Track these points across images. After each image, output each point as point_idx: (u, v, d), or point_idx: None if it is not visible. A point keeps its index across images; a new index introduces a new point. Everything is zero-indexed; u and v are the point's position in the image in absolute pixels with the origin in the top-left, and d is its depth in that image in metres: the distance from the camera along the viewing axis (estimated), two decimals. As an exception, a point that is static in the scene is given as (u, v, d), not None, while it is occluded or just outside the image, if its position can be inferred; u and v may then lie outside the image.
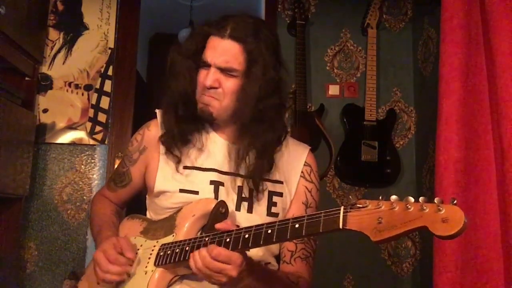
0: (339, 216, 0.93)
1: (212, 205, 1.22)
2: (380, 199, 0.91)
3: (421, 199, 0.87)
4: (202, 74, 1.30)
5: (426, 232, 0.83)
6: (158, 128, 1.38)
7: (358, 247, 2.63)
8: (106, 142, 2.57)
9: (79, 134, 2.56)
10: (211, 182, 1.30)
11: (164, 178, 1.33)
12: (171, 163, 1.33)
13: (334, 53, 2.87)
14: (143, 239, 1.30)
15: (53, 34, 2.61)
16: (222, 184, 1.31)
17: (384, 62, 2.88)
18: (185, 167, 1.32)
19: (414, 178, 2.78)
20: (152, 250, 1.24)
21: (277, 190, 1.34)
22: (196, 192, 1.29)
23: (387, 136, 2.77)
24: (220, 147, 1.35)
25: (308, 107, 2.74)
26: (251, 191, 1.31)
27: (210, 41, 1.29)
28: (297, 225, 1.00)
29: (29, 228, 2.47)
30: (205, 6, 3.94)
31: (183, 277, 1.21)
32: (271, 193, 1.33)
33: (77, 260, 2.47)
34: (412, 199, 0.88)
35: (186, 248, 1.15)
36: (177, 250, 1.17)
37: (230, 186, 1.31)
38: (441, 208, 0.83)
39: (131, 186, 1.44)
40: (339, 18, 2.90)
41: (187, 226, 1.23)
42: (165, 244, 1.22)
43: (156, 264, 1.20)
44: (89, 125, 2.57)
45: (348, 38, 2.89)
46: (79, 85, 2.59)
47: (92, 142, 2.56)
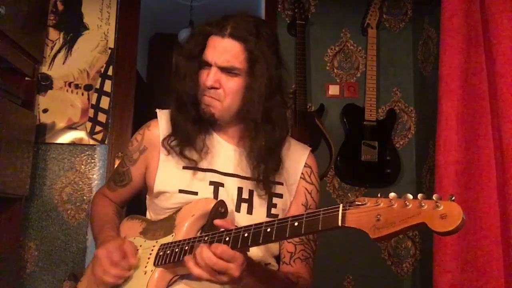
0: (338, 214, 0.93)
1: (211, 205, 1.22)
2: (379, 197, 0.91)
3: (420, 196, 0.87)
4: (203, 74, 1.29)
5: (426, 232, 0.83)
6: (158, 128, 1.38)
7: (358, 247, 2.63)
8: (106, 142, 2.57)
9: (79, 134, 2.56)
10: (211, 183, 1.30)
11: (164, 179, 1.33)
12: (171, 164, 1.33)
13: (334, 53, 2.87)
14: (143, 239, 1.30)
15: (53, 34, 2.61)
16: (222, 185, 1.30)
17: (384, 62, 2.88)
18: (185, 168, 1.31)
19: (414, 178, 2.78)
20: (152, 250, 1.24)
21: (277, 192, 1.33)
22: (196, 193, 1.28)
23: (387, 136, 2.77)
24: (222, 148, 1.35)
25: (308, 107, 2.74)
26: (251, 192, 1.30)
27: (211, 41, 1.29)
28: (296, 223, 0.99)
29: (29, 228, 2.47)
30: (205, 6, 3.94)
31: (183, 277, 1.21)
32: (271, 194, 1.32)
33: (77, 260, 2.47)
34: (411, 196, 0.88)
35: (186, 248, 1.15)
36: (177, 250, 1.16)
37: (230, 187, 1.30)
38: (439, 205, 0.83)
39: (131, 186, 1.44)
40: (339, 18, 2.89)
41: (187, 226, 1.23)
42: (165, 244, 1.22)
43: (156, 264, 1.20)
44: (89, 125, 2.57)
45: (348, 38, 2.89)
46: (79, 85, 2.59)
47: (92, 142, 2.56)
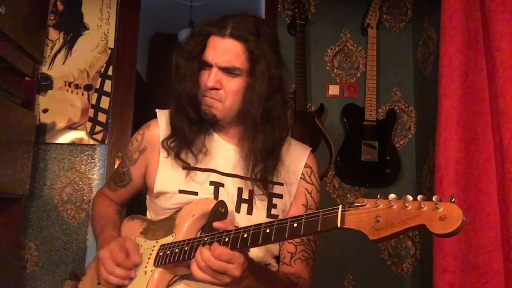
0: (337, 215, 0.93)
1: (212, 205, 1.22)
2: (378, 198, 0.90)
3: (419, 197, 0.86)
4: (204, 75, 1.28)
5: (426, 232, 0.83)
6: (158, 128, 1.37)
7: (358, 247, 2.63)
8: (106, 142, 2.57)
9: (79, 134, 2.56)
10: (211, 183, 1.30)
11: (164, 179, 1.32)
12: (171, 164, 1.32)
13: (334, 53, 2.87)
14: (143, 240, 1.30)
15: (53, 34, 2.61)
16: (222, 185, 1.30)
17: (384, 62, 2.88)
18: (185, 168, 1.31)
19: (414, 178, 2.78)
20: (152, 251, 1.23)
21: (277, 192, 1.33)
22: (196, 193, 1.28)
23: (387, 136, 2.77)
24: (222, 148, 1.35)
25: (308, 107, 2.74)
26: (251, 193, 1.30)
27: (211, 41, 1.28)
28: (296, 224, 0.99)
29: (29, 228, 2.47)
30: (205, 6, 3.94)
31: (183, 277, 1.21)
32: (271, 195, 1.32)
33: (77, 260, 2.47)
34: (410, 198, 0.87)
35: (186, 248, 1.14)
36: (177, 250, 1.16)
37: (231, 187, 1.30)
38: (439, 206, 0.83)
39: (131, 186, 1.44)
40: (339, 18, 2.89)
41: (187, 226, 1.22)
42: (165, 244, 1.22)
43: (156, 264, 1.20)
44: (89, 125, 2.57)
45: (348, 38, 2.89)
46: (79, 85, 2.59)
47: (92, 142, 2.56)
